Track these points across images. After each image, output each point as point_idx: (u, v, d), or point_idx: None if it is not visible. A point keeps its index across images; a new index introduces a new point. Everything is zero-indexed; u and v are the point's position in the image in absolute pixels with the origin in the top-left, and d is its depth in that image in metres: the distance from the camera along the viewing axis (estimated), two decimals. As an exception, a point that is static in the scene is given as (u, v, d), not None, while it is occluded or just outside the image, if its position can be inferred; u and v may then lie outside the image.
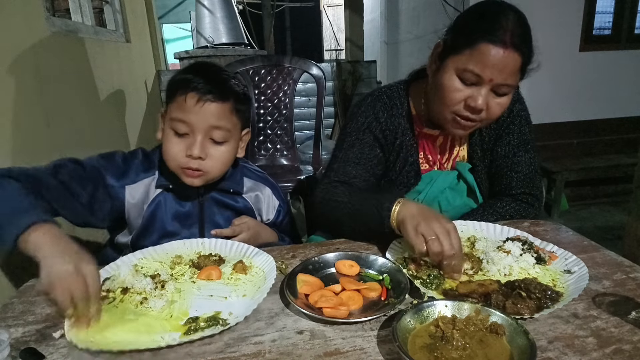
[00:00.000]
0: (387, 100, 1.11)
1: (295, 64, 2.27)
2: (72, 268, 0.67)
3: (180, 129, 0.94)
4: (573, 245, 0.93)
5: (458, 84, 0.93)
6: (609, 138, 3.63)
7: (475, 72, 0.90)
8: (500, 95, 0.93)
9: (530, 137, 1.11)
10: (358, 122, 1.10)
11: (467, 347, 0.59)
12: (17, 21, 1.42)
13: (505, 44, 0.88)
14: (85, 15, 2.30)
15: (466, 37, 0.91)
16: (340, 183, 1.06)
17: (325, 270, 0.85)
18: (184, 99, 0.93)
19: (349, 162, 1.08)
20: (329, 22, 9.22)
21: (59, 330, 0.68)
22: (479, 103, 0.92)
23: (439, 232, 0.78)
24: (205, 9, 3.98)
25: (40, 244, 0.71)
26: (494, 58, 0.88)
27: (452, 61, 0.93)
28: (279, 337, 0.66)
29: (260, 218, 1.15)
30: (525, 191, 1.08)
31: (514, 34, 0.88)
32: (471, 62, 0.90)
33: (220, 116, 0.95)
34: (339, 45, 8.96)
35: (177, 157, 0.95)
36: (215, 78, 0.96)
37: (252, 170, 1.17)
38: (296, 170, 2.28)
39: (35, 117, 1.48)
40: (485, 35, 0.88)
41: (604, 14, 3.48)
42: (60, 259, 0.68)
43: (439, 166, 1.14)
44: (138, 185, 1.01)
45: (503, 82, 0.91)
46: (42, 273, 0.67)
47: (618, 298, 0.73)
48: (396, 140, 1.10)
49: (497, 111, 0.95)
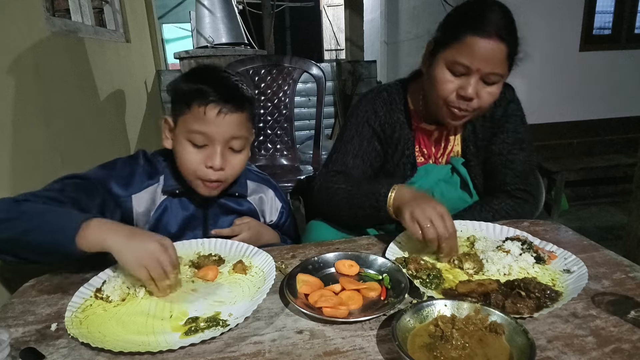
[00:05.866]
0: (387, 96, 1.16)
1: (295, 64, 2.27)
2: (157, 243, 0.74)
3: (199, 141, 0.93)
4: (572, 244, 0.93)
5: (449, 76, 0.99)
6: (609, 138, 3.63)
7: (464, 64, 0.95)
8: (489, 84, 0.98)
9: (526, 137, 1.13)
10: (358, 117, 1.15)
11: (467, 346, 0.59)
12: (17, 21, 1.43)
13: (490, 35, 0.93)
14: (85, 15, 2.30)
15: (453, 32, 0.97)
16: (339, 172, 1.10)
17: (325, 270, 0.85)
18: (203, 111, 0.91)
19: (348, 154, 1.13)
20: (329, 22, 9.21)
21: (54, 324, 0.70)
22: (469, 92, 0.97)
23: (433, 216, 0.83)
24: (205, 8, 3.98)
25: (103, 235, 0.75)
26: (480, 49, 0.93)
27: (442, 55, 0.99)
28: (279, 337, 0.66)
29: (264, 220, 1.15)
30: (520, 187, 1.09)
31: (498, 25, 0.93)
32: (459, 54, 0.95)
33: (239, 126, 0.95)
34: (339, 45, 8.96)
35: (197, 169, 0.94)
36: (229, 86, 0.95)
37: (255, 172, 1.17)
38: (296, 170, 2.28)
39: (35, 117, 1.48)
40: (471, 28, 0.94)
41: (604, 14, 3.48)
42: (138, 240, 0.75)
43: (434, 160, 1.17)
44: (143, 194, 1.00)
45: (491, 71, 0.95)
46: (126, 257, 0.73)
47: (617, 297, 0.73)
48: (394, 133, 1.15)
49: (488, 100, 0.99)
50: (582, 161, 3.46)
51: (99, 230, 0.75)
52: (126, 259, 0.74)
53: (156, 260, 0.73)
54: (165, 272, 0.75)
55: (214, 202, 1.06)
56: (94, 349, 0.63)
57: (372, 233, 1.09)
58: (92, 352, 0.64)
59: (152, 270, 0.73)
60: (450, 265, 0.85)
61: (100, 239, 0.75)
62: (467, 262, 0.83)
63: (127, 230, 0.77)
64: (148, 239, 0.76)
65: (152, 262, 0.73)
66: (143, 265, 0.73)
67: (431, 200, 0.88)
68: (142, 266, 0.73)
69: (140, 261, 0.73)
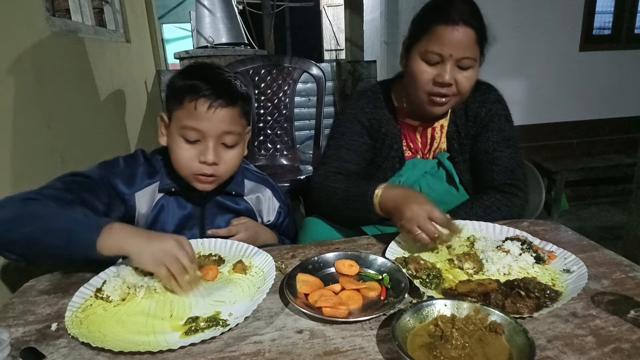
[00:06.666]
0: (371, 94, 1.23)
1: (295, 64, 2.27)
2: (173, 241, 0.77)
3: (192, 136, 0.94)
4: (572, 244, 0.93)
5: (424, 66, 1.04)
6: (609, 138, 3.63)
7: (436, 52, 1.01)
8: (465, 69, 1.03)
9: (511, 135, 1.16)
10: (346, 115, 1.22)
11: (467, 346, 0.59)
12: (17, 21, 1.43)
13: (457, 22, 0.99)
14: (85, 15, 2.30)
15: (423, 25, 1.04)
16: (336, 170, 1.13)
17: (324, 270, 0.85)
18: (194, 106, 0.91)
19: (341, 148, 1.17)
20: (329, 22, 9.21)
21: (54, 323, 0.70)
22: (446, 78, 1.02)
23: (420, 221, 0.85)
24: (205, 9, 3.98)
25: (123, 240, 0.77)
26: (449, 35, 1.00)
27: (416, 49, 1.06)
28: (279, 337, 0.66)
29: (261, 220, 1.15)
30: (508, 182, 1.11)
31: (463, 12, 1.00)
32: (430, 44, 1.02)
33: (231, 121, 0.95)
34: (339, 45, 8.96)
35: (190, 164, 0.95)
36: (221, 81, 0.96)
37: (253, 171, 1.17)
38: (296, 170, 2.28)
39: (35, 117, 1.48)
40: (438, 19, 1.01)
41: (604, 14, 3.48)
42: (155, 241, 0.77)
43: (421, 156, 1.22)
44: (145, 192, 1.01)
45: (463, 55, 1.01)
46: (145, 258, 0.76)
47: (617, 297, 0.73)
48: (381, 128, 1.19)
49: (465, 84, 1.04)
50: (582, 161, 3.46)
51: (119, 236, 0.77)
52: (145, 260, 0.76)
53: (174, 256, 0.75)
54: (184, 268, 0.76)
55: (210, 201, 1.06)
56: (94, 349, 0.63)
57: (370, 233, 1.09)
58: (92, 352, 0.64)
59: (171, 267, 0.75)
60: (450, 265, 0.85)
61: (121, 244, 0.76)
62: (467, 262, 0.83)
63: (146, 234, 0.79)
64: (165, 238, 0.78)
65: (170, 258, 0.75)
66: (162, 262, 0.75)
67: (415, 199, 0.89)
68: (161, 264, 0.75)
69: (159, 259, 0.75)
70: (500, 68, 3.00)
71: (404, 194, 0.93)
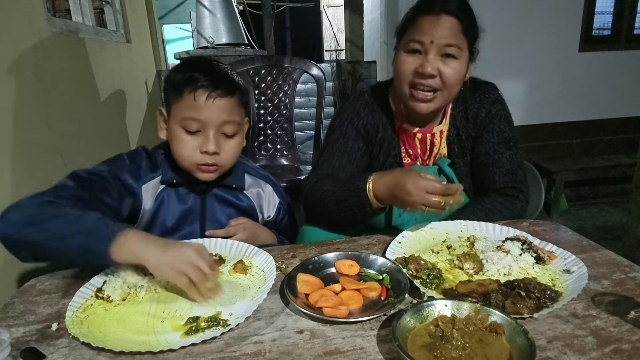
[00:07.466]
0: (368, 98, 1.19)
1: (295, 64, 2.27)
2: (191, 249, 0.75)
3: (192, 127, 0.95)
4: (572, 245, 0.93)
5: (406, 57, 1.03)
6: (608, 138, 3.63)
7: (417, 39, 1.00)
8: (449, 58, 1.01)
9: (512, 136, 1.15)
10: (341, 119, 1.18)
11: (467, 346, 0.59)
12: (17, 21, 1.43)
13: (438, 12, 0.99)
14: (85, 16, 2.30)
15: (407, 21, 1.05)
16: (326, 175, 1.11)
17: (325, 270, 0.85)
18: (193, 96, 0.93)
19: (334, 155, 1.14)
20: (329, 22, 9.21)
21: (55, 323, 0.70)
22: (428, 68, 1.00)
23: (423, 199, 0.86)
24: (205, 9, 3.99)
25: (139, 249, 0.75)
26: (430, 23, 0.99)
27: (401, 43, 1.06)
28: (279, 337, 0.67)
29: (262, 215, 1.15)
30: (509, 185, 1.11)
31: (447, 2, 0.99)
32: (412, 33, 1.02)
33: (230, 110, 0.97)
34: (339, 45, 8.96)
35: (191, 155, 0.96)
36: (218, 73, 0.97)
37: (254, 168, 1.18)
38: (296, 170, 2.28)
39: (36, 117, 1.48)
40: (420, 11, 1.02)
41: (604, 14, 3.48)
42: (172, 250, 0.75)
43: (421, 162, 1.19)
44: (149, 186, 1.02)
45: (445, 42, 0.99)
46: (164, 269, 0.74)
47: (617, 298, 0.73)
48: (378, 133, 1.16)
49: (451, 76, 1.01)
50: (581, 161, 3.46)
51: (134, 245, 0.75)
52: (165, 270, 0.74)
53: (193, 265, 0.73)
54: (205, 275, 0.74)
55: (211, 194, 1.07)
56: (94, 349, 0.63)
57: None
58: (93, 352, 0.64)
59: (192, 275, 0.73)
60: (450, 266, 0.85)
61: (137, 252, 0.75)
62: (467, 262, 0.83)
63: (161, 242, 0.77)
64: (182, 246, 0.76)
65: (191, 267, 0.73)
66: (183, 272, 0.73)
67: (406, 182, 0.88)
68: (181, 274, 0.73)
69: (180, 269, 0.73)
70: (500, 68, 3.00)
71: (394, 180, 0.92)
